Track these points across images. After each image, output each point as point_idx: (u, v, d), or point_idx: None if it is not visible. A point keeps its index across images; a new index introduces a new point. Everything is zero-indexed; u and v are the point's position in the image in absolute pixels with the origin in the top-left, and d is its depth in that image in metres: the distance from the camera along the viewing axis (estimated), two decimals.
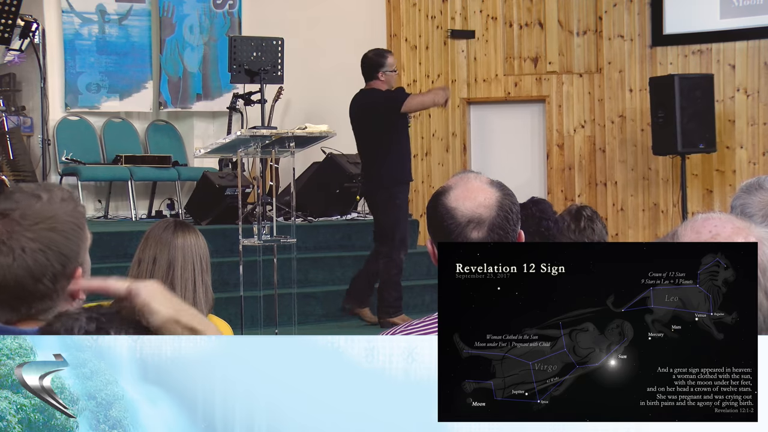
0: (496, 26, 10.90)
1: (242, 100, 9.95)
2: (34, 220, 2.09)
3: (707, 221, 1.70)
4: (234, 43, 8.81)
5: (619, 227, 10.16)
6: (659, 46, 10.34)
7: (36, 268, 2.08)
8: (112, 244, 7.96)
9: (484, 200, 2.45)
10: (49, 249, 2.09)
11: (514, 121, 10.94)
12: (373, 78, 8.14)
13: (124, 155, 10.11)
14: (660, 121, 9.50)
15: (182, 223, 3.72)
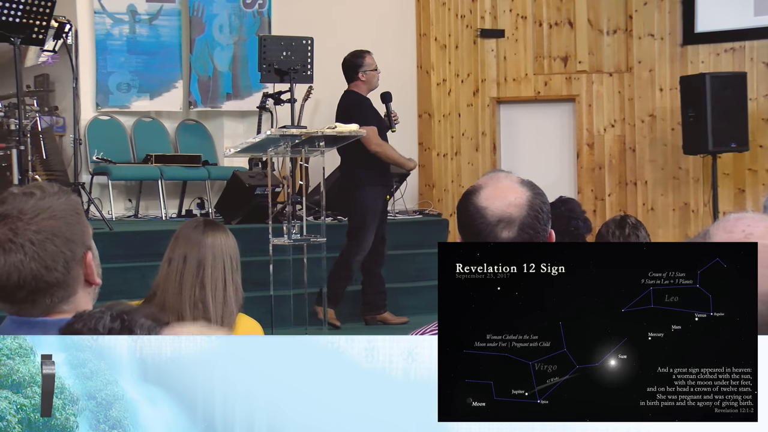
0: (525, 25, 10.88)
1: (272, 100, 9.97)
2: (33, 214, 2.16)
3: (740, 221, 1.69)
4: (264, 42, 8.83)
5: (649, 227, 10.09)
6: (690, 44, 10.29)
7: (47, 257, 2.14)
8: (141, 244, 8.00)
9: (514, 199, 2.44)
10: (55, 236, 2.16)
11: (543, 121, 10.92)
12: (354, 79, 8.22)
13: (154, 155, 10.15)
14: (690, 120, 9.45)
15: (212, 223, 3.74)
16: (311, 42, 8.92)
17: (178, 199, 10.42)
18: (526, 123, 11.00)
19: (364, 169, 7.92)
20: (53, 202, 2.20)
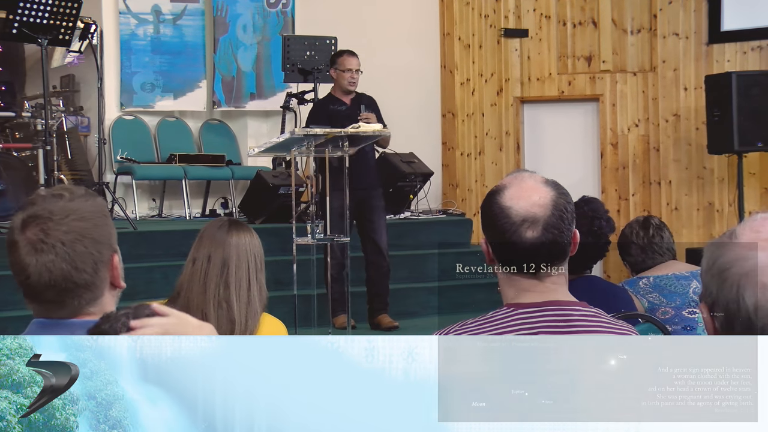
0: (549, 25, 10.85)
1: (295, 99, 9.98)
2: (63, 215, 2.19)
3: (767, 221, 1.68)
4: (287, 42, 8.86)
5: (674, 227, 10.07)
6: (716, 43, 10.24)
7: (77, 257, 2.17)
8: (165, 243, 8.01)
9: (538, 199, 2.44)
10: (83, 237, 2.18)
11: (567, 120, 10.89)
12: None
13: (178, 154, 10.17)
14: (716, 120, 9.40)
15: (237, 222, 3.74)
16: (335, 42, 8.93)
17: (201, 199, 10.44)
18: (550, 123, 10.97)
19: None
20: (81, 204, 2.22)
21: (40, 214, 2.19)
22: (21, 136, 9.52)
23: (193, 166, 10.14)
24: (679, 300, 4.71)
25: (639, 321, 4.16)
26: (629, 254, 4.99)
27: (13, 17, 7.79)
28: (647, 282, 4.78)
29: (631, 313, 4.23)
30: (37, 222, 2.18)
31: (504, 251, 2.49)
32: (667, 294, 4.73)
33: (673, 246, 5.02)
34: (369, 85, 10.95)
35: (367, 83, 10.87)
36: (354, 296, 7.43)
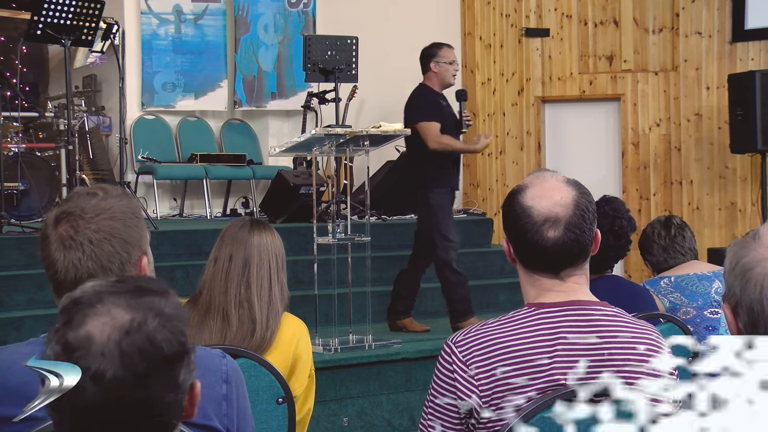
0: (570, 24, 10.83)
1: (317, 99, 9.99)
2: (94, 213, 2.21)
3: None
4: (308, 41, 8.86)
5: (695, 226, 10.03)
6: (739, 41, 10.19)
7: (104, 257, 2.18)
8: (187, 243, 8.04)
9: (560, 199, 2.44)
10: (112, 237, 2.20)
11: (588, 120, 10.86)
12: (427, 70, 7.82)
13: (199, 154, 10.20)
14: (738, 119, 9.36)
15: (258, 222, 3.75)
16: (356, 41, 8.93)
17: (222, 198, 10.47)
18: (571, 122, 10.95)
19: (429, 171, 7.59)
20: (114, 203, 2.24)
21: (73, 211, 2.21)
22: (44, 136, 9.58)
23: (215, 165, 10.16)
24: (700, 300, 4.69)
25: (660, 321, 4.15)
26: (651, 254, 4.98)
27: (38, 18, 7.84)
28: (669, 282, 4.77)
29: (653, 312, 4.22)
30: (68, 219, 2.21)
31: (525, 251, 2.49)
32: (689, 294, 4.71)
33: (694, 246, 5.01)
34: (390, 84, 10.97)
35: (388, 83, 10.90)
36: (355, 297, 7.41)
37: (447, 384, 2.45)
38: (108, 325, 1.47)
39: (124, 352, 1.46)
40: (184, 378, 1.52)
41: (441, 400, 2.46)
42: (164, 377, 1.48)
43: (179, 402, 1.52)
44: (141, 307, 1.50)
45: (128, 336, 1.47)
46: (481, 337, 2.46)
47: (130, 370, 1.45)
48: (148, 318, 1.49)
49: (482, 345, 2.44)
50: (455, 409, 2.44)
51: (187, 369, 1.53)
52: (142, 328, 1.48)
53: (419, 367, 6.60)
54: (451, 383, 2.44)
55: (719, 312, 4.64)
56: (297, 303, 6.32)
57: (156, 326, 1.49)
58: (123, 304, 1.50)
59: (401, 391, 6.63)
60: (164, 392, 1.48)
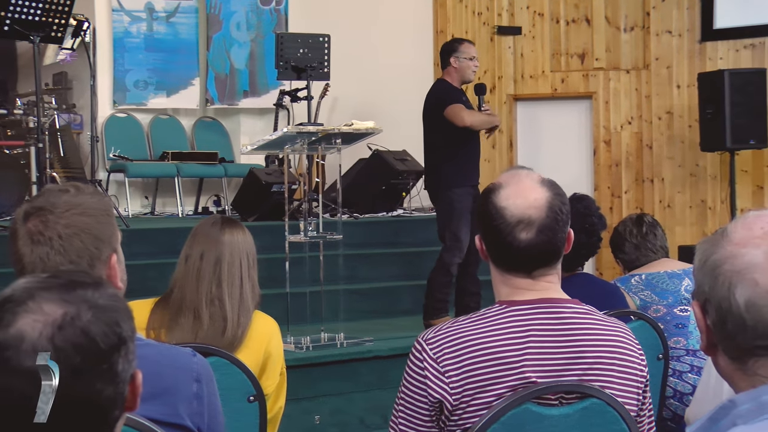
0: (543, 22, 10.86)
1: (289, 97, 9.97)
2: (65, 208, 2.20)
3: (759, 218, 1.68)
4: (281, 39, 8.85)
5: (667, 224, 10.07)
6: (709, 41, 10.25)
7: (73, 252, 2.17)
8: (159, 241, 8.00)
9: (534, 201, 2.45)
10: (83, 232, 2.19)
11: (560, 118, 10.90)
12: (446, 65, 7.70)
13: (171, 152, 10.16)
14: (709, 117, 9.42)
15: (229, 220, 3.74)
16: (328, 39, 8.92)
17: (194, 197, 10.44)
18: (544, 120, 10.98)
19: (450, 169, 7.52)
20: (86, 199, 2.23)
21: (43, 206, 2.21)
22: (13, 134, 9.50)
23: (186, 163, 10.13)
24: (671, 298, 4.71)
25: (631, 318, 4.16)
26: (622, 252, 4.99)
27: (5, 14, 7.77)
28: (639, 279, 4.79)
29: (624, 310, 4.24)
30: (38, 214, 2.20)
31: (498, 250, 2.49)
32: (660, 292, 4.73)
33: (666, 244, 5.03)
34: (362, 82, 10.98)
35: (360, 81, 10.90)
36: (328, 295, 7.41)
37: (418, 381, 2.45)
38: (40, 322, 1.45)
39: (57, 348, 1.43)
40: (123, 369, 1.50)
41: (412, 397, 2.46)
42: (101, 370, 1.47)
43: (119, 394, 1.50)
44: (74, 300, 1.48)
45: (61, 331, 1.45)
46: (453, 334, 2.46)
47: (64, 365, 1.43)
48: (81, 311, 1.47)
49: (453, 342, 2.44)
50: (426, 406, 2.44)
51: (126, 360, 1.51)
52: (76, 322, 1.46)
53: (392, 365, 6.59)
54: (422, 380, 2.44)
55: (689, 309, 4.66)
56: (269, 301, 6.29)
57: (90, 319, 1.47)
58: (55, 299, 1.48)
59: (374, 389, 6.63)
60: (102, 386, 1.47)
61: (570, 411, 2.44)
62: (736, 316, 1.63)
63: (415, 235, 9.26)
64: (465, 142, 7.56)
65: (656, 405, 4.08)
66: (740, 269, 1.63)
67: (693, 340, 4.65)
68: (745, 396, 1.62)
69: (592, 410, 2.45)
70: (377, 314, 8.16)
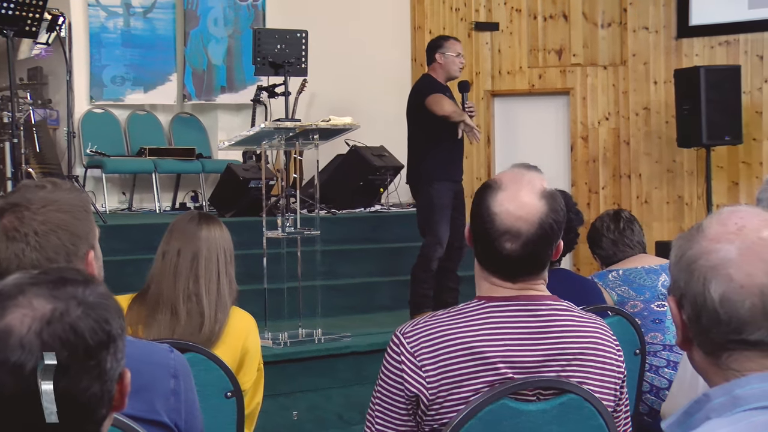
0: (520, 18, 10.88)
1: (266, 93, 9.95)
2: (41, 204, 2.18)
3: (733, 214, 1.69)
4: (258, 35, 8.83)
5: (644, 220, 10.09)
6: (685, 37, 10.29)
7: (50, 248, 2.15)
8: (136, 237, 7.98)
9: (526, 213, 2.42)
10: (59, 229, 2.17)
11: (538, 114, 10.92)
12: (432, 61, 7.72)
13: (148, 148, 10.13)
14: (685, 113, 9.45)
15: (207, 216, 3.73)
16: (306, 35, 8.91)
17: (172, 192, 10.41)
18: (521, 116, 11.00)
19: (430, 164, 7.52)
20: (63, 195, 2.21)
21: (19, 203, 2.18)
22: None
23: (164, 159, 10.10)
24: (648, 293, 4.73)
25: (608, 314, 4.18)
26: (600, 247, 5.01)
27: None
28: (617, 275, 4.80)
29: (601, 306, 4.26)
30: (14, 210, 2.17)
31: (483, 252, 2.49)
32: (637, 287, 4.75)
33: (643, 239, 5.05)
34: (340, 78, 10.97)
35: (338, 76, 10.90)
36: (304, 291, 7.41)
37: (395, 375, 2.45)
38: (28, 316, 1.45)
39: (44, 343, 1.43)
40: (112, 367, 1.50)
41: (388, 390, 2.46)
42: (88, 367, 1.46)
43: (106, 392, 1.50)
44: (63, 296, 1.48)
45: (49, 326, 1.45)
46: (430, 328, 2.46)
47: None
48: (70, 307, 1.47)
49: (431, 336, 2.44)
50: (403, 400, 2.44)
51: (114, 358, 1.51)
52: (64, 318, 1.46)
53: (369, 361, 6.59)
54: (399, 374, 2.44)
55: (666, 305, 4.68)
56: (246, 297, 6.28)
57: (79, 315, 1.47)
58: (45, 295, 1.48)
59: (351, 384, 6.63)
60: (89, 382, 1.46)
61: (547, 406, 2.45)
62: (710, 311, 1.64)
63: (393, 230, 9.26)
64: (447, 137, 7.56)
65: (633, 400, 4.10)
66: (715, 264, 1.64)
67: (670, 336, 4.67)
68: (718, 390, 1.63)
69: (569, 405, 2.45)
70: (355, 310, 8.16)
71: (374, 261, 8.72)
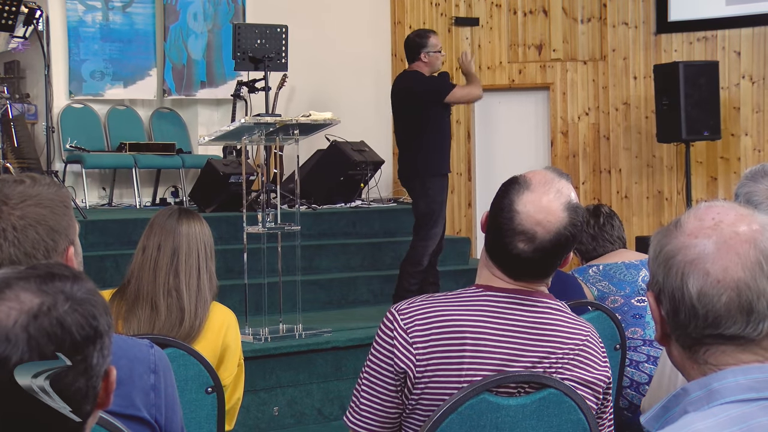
0: (500, 13, 10.89)
1: (246, 88, 9.93)
2: (20, 199, 2.17)
3: (710, 209, 1.70)
4: (238, 30, 8.81)
5: (624, 215, 10.16)
6: (664, 33, 10.33)
7: (28, 244, 2.13)
8: (116, 232, 7.96)
9: (546, 222, 2.42)
10: (38, 224, 2.15)
11: (518, 109, 10.94)
12: (416, 59, 7.77)
13: (128, 143, 10.09)
14: (664, 109, 9.49)
15: (187, 211, 3.73)
16: (286, 30, 8.89)
17: (152, 188, 10.38)
18: (501, 111, 11.02)
19: (424, 159, 7.59)
20: (42, 190, 2.19)
21: None
22: None
23: (144, 154, 10.07)
24: (628, 288, 4.74)
25: (589, 309, 4.19)
26: (580, 242, 5.01)
27: None
28: (597, 270, 4.81)
29: (581, 301, 4.27)
30: None
31: (494, 244, 2.50)
32: (617, 282, 4.76)
33: (623, 234, 5.06)
34: (320, 73, 10.97)
35: (318, 71, 10.88)
36: None
37: (386, 350, 2.46)
38: (15, 310, 1.45)
39: (31, 336, 1.43)
40: (98, 363, 1.50)
41: (378, 365, 2.47)
42: (74, 362, 1.46)
43: (91, 388, 1.50)
44: (51, 291, 1.48)
45: (36, 320, 1.44)
46: (426, 307, 2.48)
47: (37, 354, 1.43)
48: (58, 302, 1.47)
49: (425, 315, 2.46)
50: (392, 375, 2.45)
51: (101, 354, 1.50)
52: (52, 312, 1.45)
53: (349, 356, 6.60)
54: (390, 349, 2.45)
55: (646, 300, 4.70)
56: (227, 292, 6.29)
57: (66, 310, 1.47)
58: (33, 289, 1.47)
59: (331, 379, 6.63)
60: (74, 378, 1.46)
61: (527, 401, 2.45)
62: (688, 306, 1.65)
63: (373, 225, 9.27)
64: (438, 131, 7.61)
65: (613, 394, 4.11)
66: (692, 259, 1.65)
67: (650, 331, 4.68)
68: (695, 384, 1.64)
69: (549, 400, 2.46)
70: (335, 305, 8.17)
71: (354, 256, 8.73)
